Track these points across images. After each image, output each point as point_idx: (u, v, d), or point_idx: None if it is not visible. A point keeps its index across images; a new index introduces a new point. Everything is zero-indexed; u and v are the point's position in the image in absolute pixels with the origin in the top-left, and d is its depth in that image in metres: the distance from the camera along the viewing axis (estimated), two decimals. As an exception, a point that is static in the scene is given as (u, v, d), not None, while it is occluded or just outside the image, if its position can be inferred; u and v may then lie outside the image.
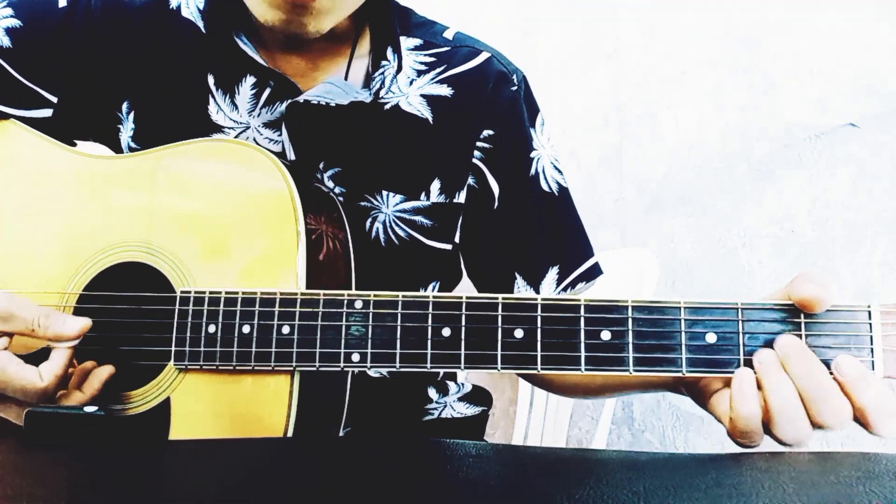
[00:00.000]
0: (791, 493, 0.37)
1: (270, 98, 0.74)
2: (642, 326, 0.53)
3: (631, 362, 0.53)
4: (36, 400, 0.57)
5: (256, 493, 0.40)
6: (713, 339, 0.52)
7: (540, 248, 0.79)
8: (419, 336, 0.56)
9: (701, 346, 0.52)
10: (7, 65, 0.73)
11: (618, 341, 0.53)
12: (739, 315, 0.52)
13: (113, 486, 0.43)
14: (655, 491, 0.38)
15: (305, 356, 0.57)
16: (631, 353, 0.53)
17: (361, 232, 0.75)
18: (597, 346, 0.53)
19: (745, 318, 0.52)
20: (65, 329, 0.59)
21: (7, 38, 0.73)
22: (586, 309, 0.54)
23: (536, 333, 0.54)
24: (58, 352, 0.59)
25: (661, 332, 0.53)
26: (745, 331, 0.52)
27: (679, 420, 1.25)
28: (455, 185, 0.78)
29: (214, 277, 0.62)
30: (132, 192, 0.67)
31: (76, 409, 0.57)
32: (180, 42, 0.75)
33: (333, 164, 0.75)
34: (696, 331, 0.52)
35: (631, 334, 0.53)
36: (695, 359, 0.52)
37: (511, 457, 0.52)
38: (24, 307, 0.59)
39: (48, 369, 0.58)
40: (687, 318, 0.52)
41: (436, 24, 0.84)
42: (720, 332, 0.52)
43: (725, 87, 1.20)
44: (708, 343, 0.52)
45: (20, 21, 0.74)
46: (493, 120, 0.79)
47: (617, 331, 0.53)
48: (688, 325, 0.52)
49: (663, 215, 1.29)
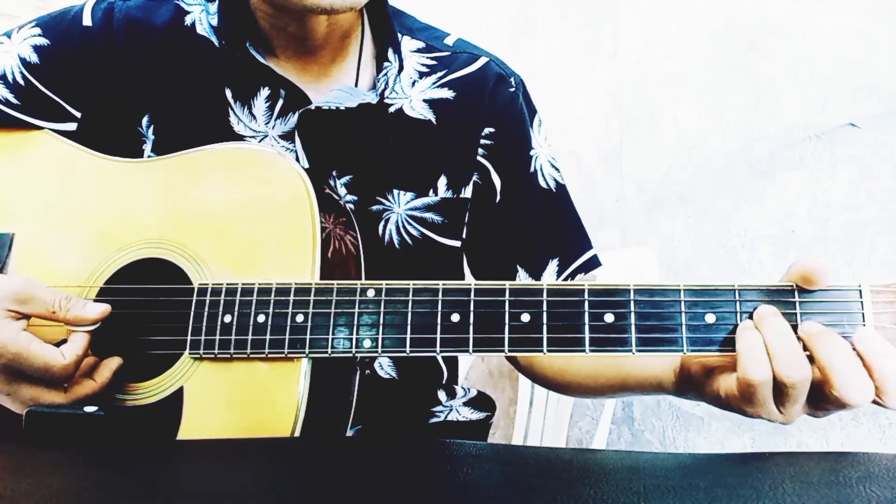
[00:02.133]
0: (791, 493, 0.37)
1: (283, 109, 0.77)
2: (644, 308, 0.55)
3: (634, 343, 0.55)
4: (58, 379, 0.58)
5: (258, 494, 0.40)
6: (712, 320, 0.54)
7: (540, 242, 0.83)
8: (429, 322, 0.58)
9: (701, 325, 0.54)
10: (35, 80, 0.76)
11: (621, 323, 0.55)
12: (737, 296, 0.54)
13: (114, 487, 0.43)
14: (655, 491, 0.38)
15: (318, 343, 0.59)
16: (633, 334, 0.55)
17: (375, 237, 0.78)
18: (600, 328, 0.55)
19: (741, 298, 0.54)
20: (85, 312, 0.60)
21: (35, 55, 0.76)
22: (590, 293, 0.56)
23: (542, 317, 0.56)
24: (77, 335, 0.60)
25: (662, 313, 0.55)
26: (741, 311, 0.54)
27: (679, 420, 1.25)
28: (461, 181, 0.81)
29: (231, 272, 0.64)
30: (153, 192, 0.69)
31: (76, 409, 0.57)
32: (196, 58, 0.78)
33: (346, 171, 0.78)
34: (696, 311, 0.54)
35: (633, 316, 0.55)
36: (695, 338, 0.54)
37: (511, 457, 0.52)
38: (44, 290, 0.61)
39: (70, 349, 0.59)
40: (686, 299, 0.54)
41: (437, 30, 0.87)
42: (719, 312, 0.54)
43: (725, 87, 1.20)
44: (707, 323, 0.54)
45: (48, 40, 0.77)
46: (493, 118, 0.82)
47: (620, 313, 0.55)
48: (688, 307, 0.54)
49: (663, 215, 1.29)
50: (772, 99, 1.13)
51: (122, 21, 0.78)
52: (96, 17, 0.78)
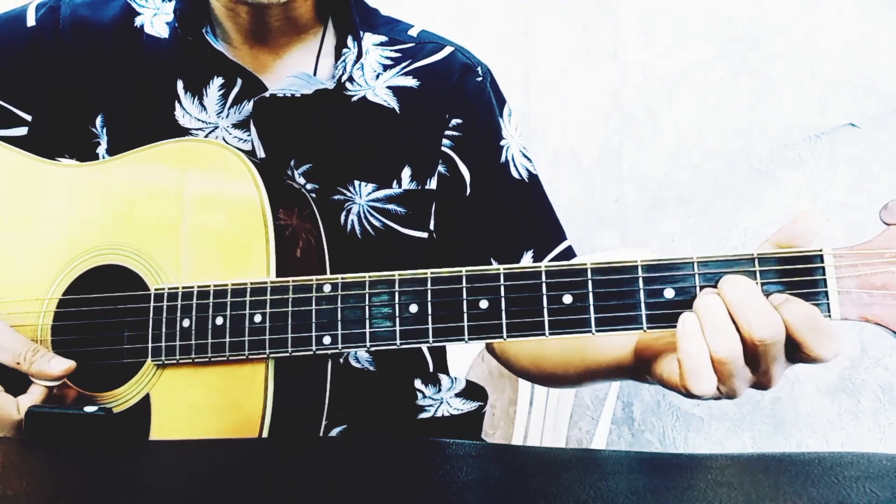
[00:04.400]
0: (791, 493, 0.37)
1: (238, 97, 0.75)
2: (602, 288, 0.54)
3: (593, 323, 0.53)
4: (6, 430, 0.59)
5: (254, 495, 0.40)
6: (671, 295, 0.53)
7: (514, 233, 0.81)
8: (387, 314, 0.57)
9: (660, 302, 0.53)
10: None
11: (579, 304, 0.54)
12: (695, 269, 0.52)
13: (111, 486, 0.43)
14: (655, 491, 0.38)
15: (278, 343, 0.58)
16: (592, 315, 0.53)
17: (336, 226, 0.76)
18: (559, 311, 0.54)
19: (700, 271, 0.52)
20: (49, 367, 0.61)
21: None
22: (547, 275, 0.55)
23: (501, 303, 0.55)
24: (36, 388, 0.61)
25: (621, 291, 0.53)
26: (701, 284, 0.52)
27: (679, 420, 1.25)
28: (425, 172, 0.79)
29: (188, 275, 0.63)
30: (103, 196, 0.68)
31: (76, 410, 0.57)
32: (147, 54, 0.76)
33: (304, 160, 0.76)
34: (655, 288, 0.53)
35: (592, 296, 0.54)
36: (654, 315, 0.53)
37: (511, 457, 0.52)
38: (15, 340, 0.61)
39: (25, 402, 0.60)
40: (645, 275, 0.53)
41: (401, 23, 0.86)
42: (678, 287, 0.53)
43: (725, 87, 1.20)
44: (667, 299, 0.53)
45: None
46: (461, 108, 0.80)
47: (578, 293, 0.54)
48: (646, 283, 0.53)
49: (663, 215, 1.29)
50: (772, 99, 1.13)
51: (68, 19, 0.76)
52: (40, 16, 0.76)
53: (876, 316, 0.50)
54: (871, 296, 0.50)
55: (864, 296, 0.50)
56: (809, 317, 0.48)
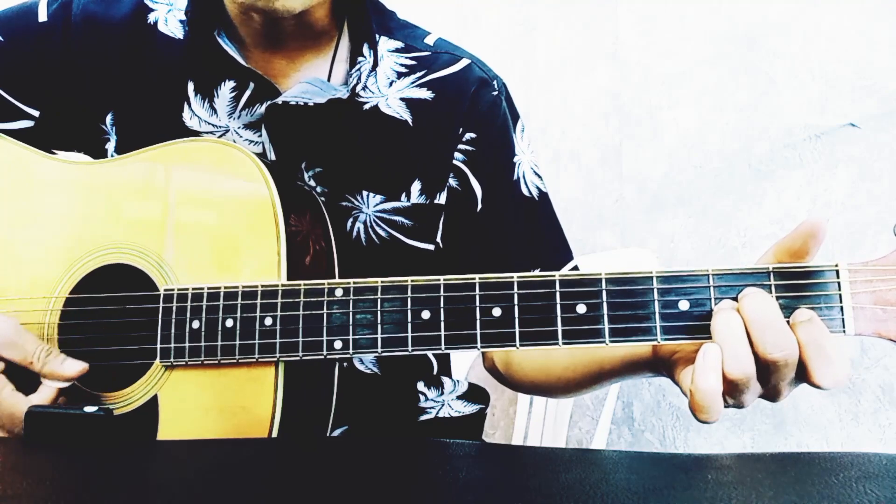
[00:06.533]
0: (791, 493, 0.37)
1: (250, 100, 0.75)
2: (616, 298, 0.53)
3: (607, 334, 0.53)
4: (17, 428, 0.59)
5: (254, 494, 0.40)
6: (686, 306, 0.52)
7: (522, 251, 0.80)
8: (399, 320, 0.56)
9: (674, 313, 0.52)
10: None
11: (593, 314, 0.53)
12: (710, 281, 0.52)
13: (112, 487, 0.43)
14: (655, 491, 0.38)
15: (289, 346, 0.58)
16: (606, 325, 0.53)
17: (343, 231, 0.76)
18: (573, 320, 0.54)
19: (715, 283, 0.52)
20: (62, 369, 0.61)
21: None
22: (561, 284, 0.54)
23: (514, 311, 0.54)
24: (47, 388, 0.60)
25: (635, 301, 0.53)
26: (716, 296, 0.52)
27: (679, 420, 1.25)
28: (436, 187, 0.78)
29: (197, 276, 0.62)
30: (112, 194, 0.68)
31: (76, 409, 0.57)
32: (159, 53, 0.76)
33: (315, 164, 0.76)
34: (669, 299, 0.53)
35: (605, 306, 0.53)
36: (669, 326, 0.52)
37: (511, 457, 0.52)
38: (27, 339, 0.61)
39: (35, 402, 0.59)
40: (659, 286, 0.53)
41: (417, 29, 0.84)
42: (693, 298, 0.52)
43: (725, 87, 1.20)
44: (681, 310, 0.52)
45: (1, 37, 0.75)
46: (475, 123, 0.79)
47: (592, 303, 0.53)
48: (660, 294, 0.53)
49: (663, 215, 1.29)
50: (772, 99, 1.13)
51: (79, 16, 0.76)
52: (52, 11, 0.76)
53: (890, 332, 0.50)
54: (885, 311, 0.50)
55: (878, 311, 0.50)
56: (818, 344, 0.48)
